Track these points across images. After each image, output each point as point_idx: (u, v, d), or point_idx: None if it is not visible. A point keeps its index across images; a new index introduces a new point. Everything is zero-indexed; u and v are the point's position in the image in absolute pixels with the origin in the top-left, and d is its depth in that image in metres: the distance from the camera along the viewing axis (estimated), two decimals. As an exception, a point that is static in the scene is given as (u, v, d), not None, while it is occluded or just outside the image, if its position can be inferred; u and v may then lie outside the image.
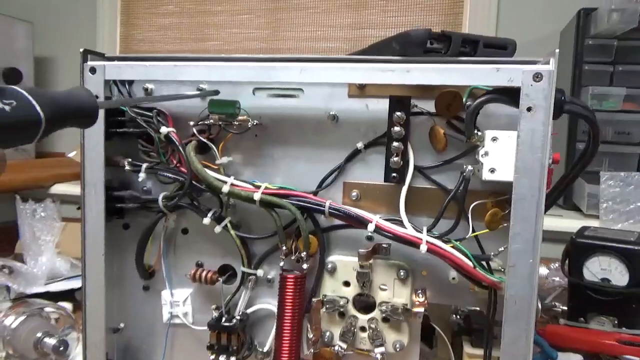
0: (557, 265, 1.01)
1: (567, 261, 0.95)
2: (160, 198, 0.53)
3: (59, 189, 1.56)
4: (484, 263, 0.47)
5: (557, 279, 1.04)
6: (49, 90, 0.30)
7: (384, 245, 0.50)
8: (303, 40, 1.54)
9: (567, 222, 1.12)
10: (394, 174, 0.49)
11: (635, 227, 1.00)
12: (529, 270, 0.43)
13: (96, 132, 0.52)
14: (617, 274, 0.88)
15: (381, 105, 0.49)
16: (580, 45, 1.22)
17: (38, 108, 0.27)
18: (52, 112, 0.28)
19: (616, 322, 0.87)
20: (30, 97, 0.27)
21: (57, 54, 1.84)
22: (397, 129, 0.47)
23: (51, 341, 0.69)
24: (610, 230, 0.97)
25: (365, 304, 0.52)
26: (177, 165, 0.53)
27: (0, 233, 1.28)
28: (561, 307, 0.97)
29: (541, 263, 0.44)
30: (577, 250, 0.92)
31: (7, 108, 0.26)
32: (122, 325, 0.59)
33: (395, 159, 0.48)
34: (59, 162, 1.58)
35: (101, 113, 0.52)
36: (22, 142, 0.28)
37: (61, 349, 0.69)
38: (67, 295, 0.94)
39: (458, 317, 0.58)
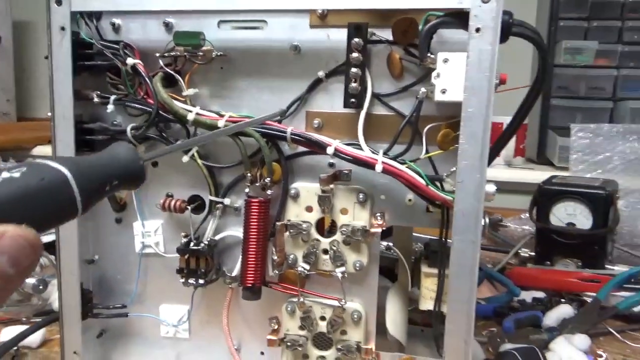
0: (526, 215, 1.04)
1: (535, 208, 0.98)
2: (128, 129, 0.55)
3: (41, 150, 1.58)
4: (437, 183, 0.49)
5: (526, 227, 1.08)
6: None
7: (345, 172, 0.52)
8: None
9: (538, 175, 1.15)
10: (353, 100, 0.50)
11: (603, 176, 1.03)
12: (476, 185, 0.45)
13: (64, 64, 0.53)
14: (581, 218, 0.91)
15: (342, 35, 0.50)
16: (556, 0, 1.23)
17: (56, 164, 0.22)
18: (78, 170, 0.23)
19: (580, 264, 0.91)
20: (42, 161, 0.23)
21: (35, 19, 1.83)
22: (355, 55, 0.49)
23: (31, 280, 0.71)
24: (576, 178, 1.00)
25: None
26: (144, 96, 0.54)
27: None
28: (529, 252, 1.01)
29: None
30: (544, 196, 0.95)
31: (16, 175, 0.21)
32: (96, 257, 0.61)
33: (354, 84, 0.49)
34: (41, 125, 1.59)
35: (69, 46, 0.53)
36: (61, 217, 0.23)
37: (40, 287, 0.71)
38: (47, 248, 0.96)
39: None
